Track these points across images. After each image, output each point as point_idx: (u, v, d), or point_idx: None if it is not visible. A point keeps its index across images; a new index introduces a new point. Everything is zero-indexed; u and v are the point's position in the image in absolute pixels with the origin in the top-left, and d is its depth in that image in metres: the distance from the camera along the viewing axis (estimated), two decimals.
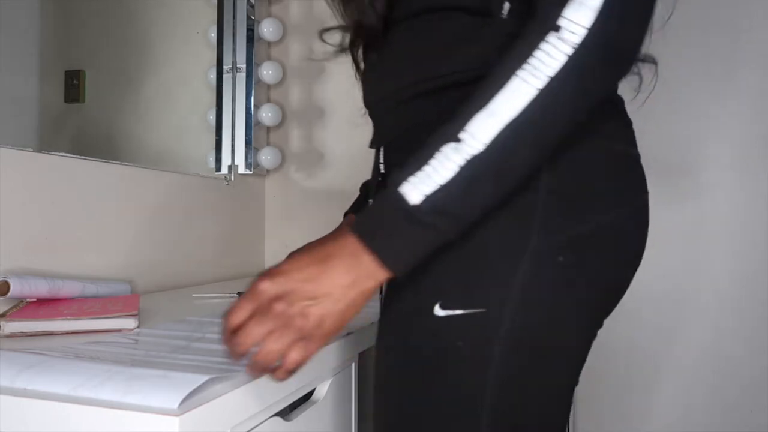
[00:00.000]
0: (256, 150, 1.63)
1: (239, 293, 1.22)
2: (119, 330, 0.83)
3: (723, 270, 1.38)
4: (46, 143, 1.07)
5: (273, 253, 1.75)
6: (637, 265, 0.68)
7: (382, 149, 0.73)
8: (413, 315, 0.62)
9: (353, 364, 0.90)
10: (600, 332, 0.68)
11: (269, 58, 1.72)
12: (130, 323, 0.84)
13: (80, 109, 1.20)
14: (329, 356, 0.78)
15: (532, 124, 0.53)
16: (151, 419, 0.50)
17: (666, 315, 1.41)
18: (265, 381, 0.63)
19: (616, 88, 0.68)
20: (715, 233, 1.39)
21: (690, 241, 1.40)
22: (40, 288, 0.90)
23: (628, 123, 0.69)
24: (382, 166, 0.73)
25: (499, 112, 0.53)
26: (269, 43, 1.72)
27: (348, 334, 0.75)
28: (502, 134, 0.53)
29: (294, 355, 0.55)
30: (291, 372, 0.56)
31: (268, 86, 1.71)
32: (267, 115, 1.64)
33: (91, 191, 1.12)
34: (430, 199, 0.53)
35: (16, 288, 0.87)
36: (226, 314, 0.56)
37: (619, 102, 0.69)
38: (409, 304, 0.62)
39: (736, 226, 1.37)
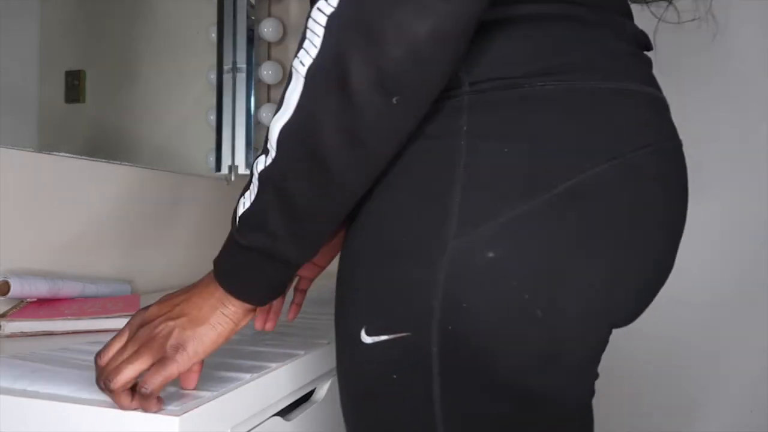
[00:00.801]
0: (256, 150, 1.63)
1: None
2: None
3: (722, 269, 1.38)
4: (46, 143, 1.07)
5: None
6: (644, 239, 0.52)
7: None
8: (346, 342, 0.54)
9: None
10: None
11: (269, 58, 1.72)
12: None
13: (80, 109, 1.20)
14: (329, 356, 0.78)
15: (301, 120, 0.45)
16: (151, 419, 0.50)
17: (659, 316, 1.41)
18: (265, 381, 0.63)
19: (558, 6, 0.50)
20: (715, 233, 1.38)
21: (690, 240, 1.40)
22: (40, 288, 0.90)
23: (587, 43, 0.51)
24: None
25: (283, 112, 0.46)
26: (269, 43, 1.72)
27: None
28: (280, 137, 0.47)
29: (152, 376, 0.49)
30: (148, 396, 0.49)
31: (268, 86, 1.71)
32: (267, 115, 1.64)
33: (91, 191, 1.12)
34: (242, 221, 0.50)
35: (16, 288, 0.87)
36: (99, 351, 0.53)
37: (575, 19, 0.51)
38: (341, 328, 0.55)
39: (735, 226, 1.37)
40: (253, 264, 0.51)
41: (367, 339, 0.51)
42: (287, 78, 0.47)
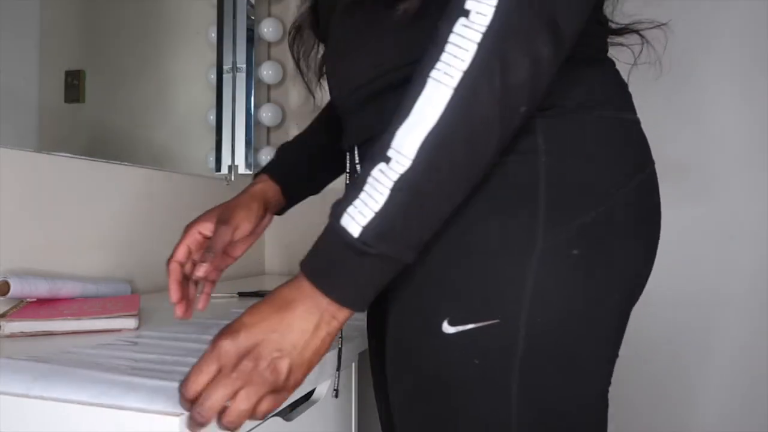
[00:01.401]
0: (256, 150, 1.63)
1: (239, 293, 1.22)
2: (119, 330, 0.83)
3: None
4: (46, 143, 1.07)
5: (273, 253, 1.75)
6: (657, 242, 0.63)
7: (356, 149, 0.68)
8: (421, 335, 0.57)
9: (353, 364, 0.90)
10: None
11: (269, 58, 1.72)
12: (130, 323, 0.84)
13: (80, 109, 1.20)
14: (329, 357, 0.78)
15: (456, 130, 0.48)
16: (151, 419, 0.50)
17: (666, 314, 1.41)
18: None
19: (603, 47, 0.62)
20: (728, 232, 1.38)
21: (701, 240, 1.40)
22: (40, 288, 0.90)
23: (621, 84, 0.63)
24: (359, 167, 0.68)
25: (419, 122, 0.48)
26: (269, 43, 1.72)
27: (340, 337, 0.75)
28: (425, 146, 0.48)
29: (264, 406, 0.50)
30: (261, 418, 0.51)
31: (268, 86, 1.71)
32: (267, 115, 1.64)
33: (91, 191, 1.12)
34: (369, 229, 0.48)
35: (16, 288, 0.87)
36: (184, 381, 0.49)
37: (608, 63, 0.63)
38: (415, 323, 0.58)
39: (747, 225, 1.37)
40: (374, 271, 0.51)
41: (449, 329, 0.54)
42: (412, 86, 0.49)
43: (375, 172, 0.49)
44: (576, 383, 0.56)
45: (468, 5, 0.47)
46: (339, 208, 0.50)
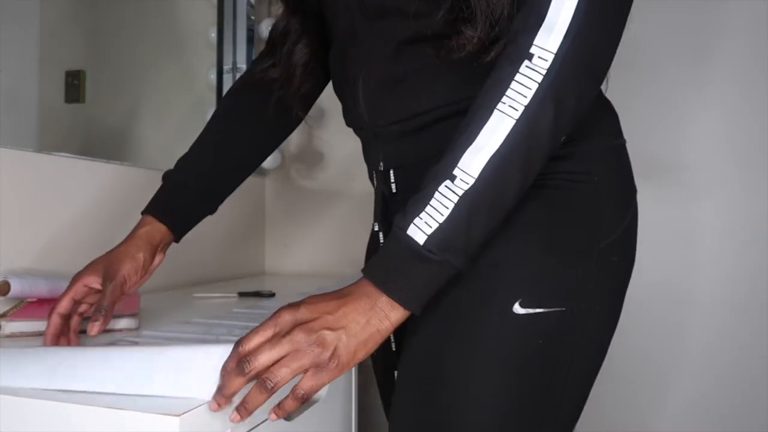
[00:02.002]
0: None
1: (239, 293, 1.22)
2: (120, 330, 0.83)
3: (722, 269, 1.38)
4: (46, 143, 1.07)
5: (273, 253, 1.75)
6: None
7: (391, 171, 0.74)
8: (489, 309, 0.63)
9: None
10: None
11: None
12: (130, 323, 0.84)
13: (80, 109, 1.20)
14: None
15: (516, 153, 0.56)
16: (151, 419, 0.50)
17: (664, 314, 1.41)
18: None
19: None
20: (715, 233, 1.38)
21: (689, 241, 1.40)
22: (40, 288, 0.90)
23: (614, 111, 0.73)
24: (393, 186, 0.74)
25: (484, 146, 0.56)
26: (268, 48, 1.72)
27: None
28: (488, 166, 0.55)
29: (308, 381, 0.54)
30: (302, 399, 0.55)
31: None
32: None
33: (92, 191, 1.12)
34: (434, 238, 0.55)
35: (16, 288, 0.87)
36: (242, 339, 0.55)
37: (602, 94, 0.73)
38: (484, 297, 0.63)
39: (735, 226, 1.37)
40: (434, 276, 0.57)
41: (520, 310, 0.62)
42: (476, 115, 0.57)
43: (441, 188, 0.56)
44: (596, 370, 0.68)
45: (532, 50, 0.55)
46: (404, 219, 0.57)
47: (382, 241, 0.75)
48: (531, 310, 0.62)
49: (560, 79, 0.55)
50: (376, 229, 0.77)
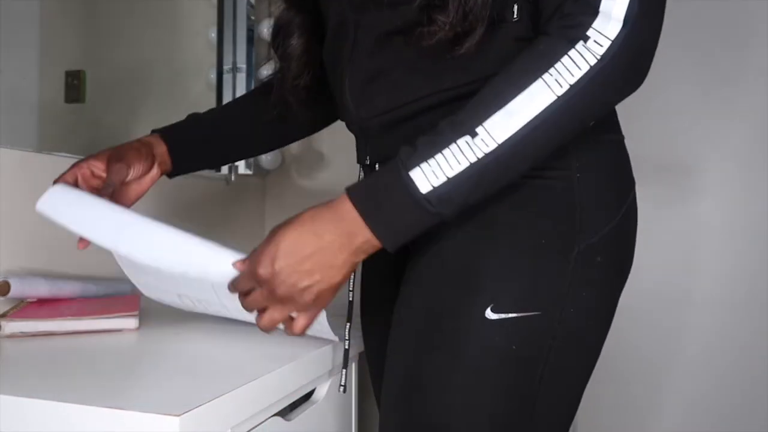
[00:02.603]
0: None
1: None
2: (120, 330, 0.83)
3: (722, 270, 1.38)
4: (46, 143, 1.07)
5: None
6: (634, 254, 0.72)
7: (377, 165, 0.73)
8: (461, 316, 0.62)
9: (353, 365, 0.90)
10: None
11: (269, 58, 1.72)
12: (130, 323, 0.84)
13: (80, 109, 1.20)
14: (329, 356, 0.78)
15: (548, 128, 0.55)
16: (151, 419, 0.50)
17: (665, 314, 1.41)
18: (265, 381, 0.63)
19: None
20: (715, 233, 1.38)
21: (690, 241, 1.40)
22: (40, 288, 0.90)
23: (614, 111, 0.71)
24: None
25: (518, 112, 0.55)
26: (269, 43, 1.72)
27: (347, 339, 0.75)
28: (516, 135, 0.55)
29: (301, 321, 0.63)
30: (299, 334, 0.64)
31: None
32: None
33: None
34: (438, 190, 0.55)
35: (17, 288, 0.87)
36: (232, 283, 0.63)
37: None
38: (455, 303, 0.63)
39: (735, 226, 1.37)
40: (421, 223, 0.57)
41: (492, 315, 0.61)
42: (515, 78, 0.56)
43: (460, 142, 0.55)
44: (586, 371, 0.67)
45: (589, 33, 0.54)
46: (412, 158, 0.56)
47: None
48: (503, 315, 0.61)
49: (612, 67, 0.54)
50: None
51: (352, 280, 0.74)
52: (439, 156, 0.55)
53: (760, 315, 1.35)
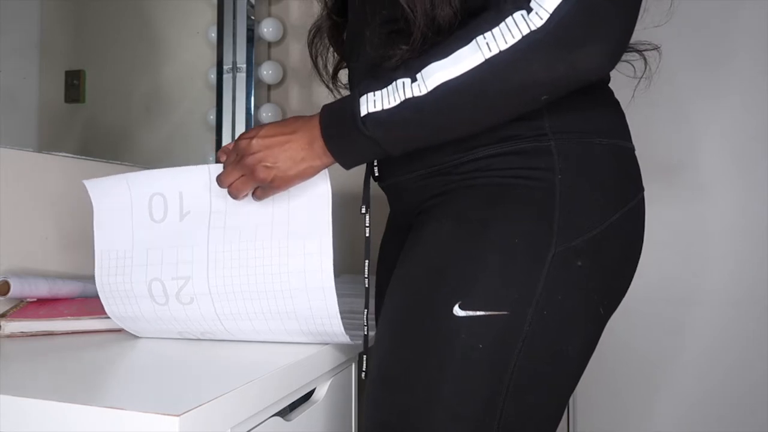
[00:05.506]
0: None
1: None
2: (120, 330, 0.83)
3: (723, 270, 1.38)
4: (46, 143, 1.07)
5: None
6: (638, 262, 0.70)
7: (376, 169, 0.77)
8: (430, 312, 0.63)
9: (353, 365, 0.90)
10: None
11: (269, 58, 1.72)
12: None
13: (80, 109, 1.20)
14: (329, 357, 0.78)
15: (472, 88, 0.58)
16: (151, 419, 0.50)
17: (665, 315, 1.41)
18: (264, 381, 0.63)
19: (607, 79, 0.70)
20: (716, 233, 1.38)
21: (690, 240, 1.40)
22: (40, 288, 0.90)
23: (621, 113, 0.71)
24: (376, 170, 0.77)
25: (448, 67, 0.58)
26: (269, 43, 1.72)
27: (365, 325, 0.76)
28: (441, 87, 0.58)
29: (258, 193, 0.71)
30: (259, 199, 0.72)
31: (268, 86, 1.71)
32: (267, 115, 1.64)
33: None
34: (372, 115, 0.61)
35: (16, 288, 0.87)
36: (219, 176, 0.72)
37: (608, 92, 0.71)
38: (426, 299, 0.64)
39: (736, 226, 1.37)
40: (363, 146, 0.63)
41: (459, 312, 0.61)
42: (460, 37, 0.58)
43: (401, 81, 0.60)
44: (565, 382, 0.65)
45: (533, 5, 0.56)
46: (366, 86, 0.62)
47: (367, 224, 0.76)
48: (471, 313, 0.61)
49: (541, 41, 0.55)
50: (363, 212, 0.77)
51: (366, 267, 0.75)
52: (384, 90, 0.61)
53: (761, 315, 1.35)
